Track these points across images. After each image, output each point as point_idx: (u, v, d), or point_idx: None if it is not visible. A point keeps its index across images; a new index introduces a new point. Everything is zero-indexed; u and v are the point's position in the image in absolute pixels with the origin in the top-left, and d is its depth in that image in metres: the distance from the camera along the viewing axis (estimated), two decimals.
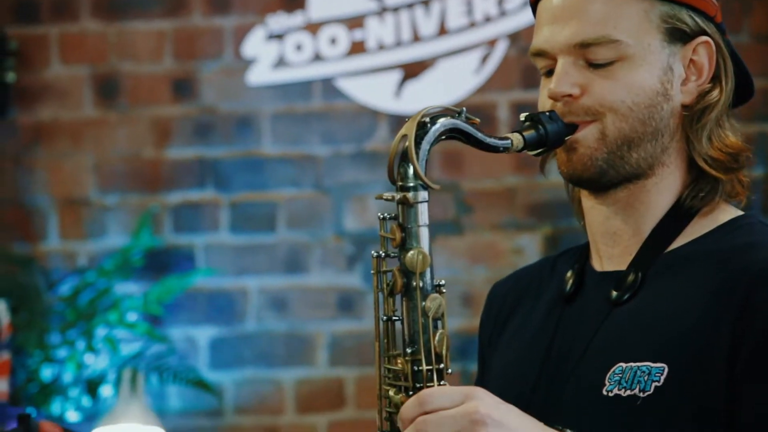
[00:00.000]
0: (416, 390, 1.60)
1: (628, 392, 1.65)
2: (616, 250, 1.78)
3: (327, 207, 4.39)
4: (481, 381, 1.90)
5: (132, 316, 4.29)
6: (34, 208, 4.45)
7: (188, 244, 4.43)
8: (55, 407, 4.23)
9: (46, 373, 4.24)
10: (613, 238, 1.78)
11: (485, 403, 1.56)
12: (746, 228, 1.75)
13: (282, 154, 4.41)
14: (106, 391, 4.27)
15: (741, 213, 1.79)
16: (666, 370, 1.64)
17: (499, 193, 4.34)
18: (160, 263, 4.40)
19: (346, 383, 4.34)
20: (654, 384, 1.64)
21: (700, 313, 1.66)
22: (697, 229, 1.76)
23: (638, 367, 1.66)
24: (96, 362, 4.28)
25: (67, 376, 4.24)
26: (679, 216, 1.75)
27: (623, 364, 1.67)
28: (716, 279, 1.68)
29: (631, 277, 1.73)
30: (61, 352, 4.25)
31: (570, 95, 1.72)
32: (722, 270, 1.69)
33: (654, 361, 1.65)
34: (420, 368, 1.61)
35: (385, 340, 1.66)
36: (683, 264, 1.73)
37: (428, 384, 1.61)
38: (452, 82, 4.34)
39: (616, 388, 1.66)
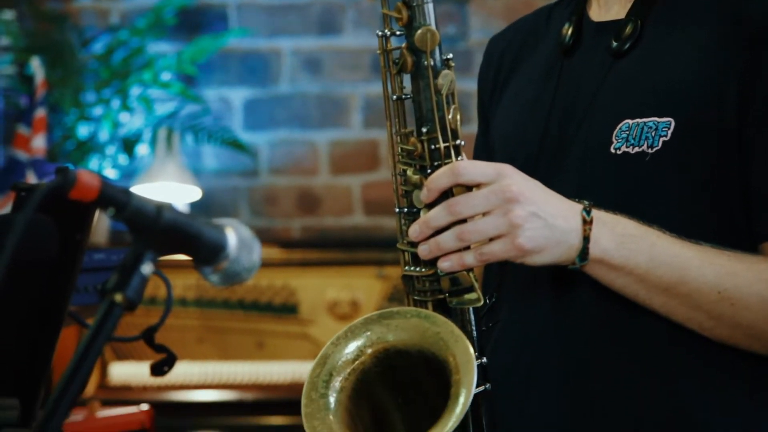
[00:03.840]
0: (434, 168, 1.60)
1: (636, 149, 1.64)
2: None
3: None
4: (484, 138, 1.90)
5: (166, 76, 4.28)
6: None
7: (221, 3, 4.37)
8: (93, 165, 4.27)
9: (83, 131, 4.27)
10: None
11: (516, 180, 1.56)
12: None
13: None
14: (142, 149, 4.30)
15: None
16: (673, 124, 1.63)
17: None
18: (192, 22, 4.36)
19: (380, 145, 4.35)
20: (662, 139, 1.63)
21: (705, 61, 1.64)
22: None
23: (645, 122, 1.64)
24: (131, 121, 4.30)
25: (103, 135, 4.27)
26: None
27: (629, 121, 1.65)
28: (721, 23, 1.64)
29: (630, 27, 1.70)
30: (97, 111, 4.27)
31: None
32: (727, 13, 1.65)
33: (660, 116, 1.64)
34: (437, 146, 1.60)
35: (396, 120, 1.64)
36: (685, 9, 1.69)
37: (446, 161, 1.60)
38: None
39: (624, 146, 1.65)
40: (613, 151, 1.66)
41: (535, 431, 1.67)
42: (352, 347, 1.60)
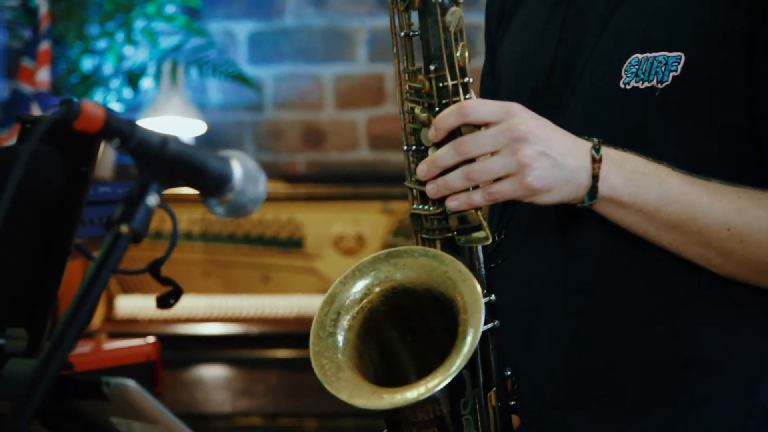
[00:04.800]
0: (442, 106, 1.59)
1: (646, 84, 1.63)
2: None
3: None
4: (491, 67, 1.88)
5: (170, 9, 4.25)
6: None
7: None
8: (97, 98, 4.26)
9: (87, 64, 4.25)
10: None
11: (525, 119, 1.55)
12: None
13: None
14: (146, 83, 4.29)
15: None
16: (683, 58, 1.61)
17: None
18: None
19: (386, 79, 4.34)
20: (671, 74, 1.62)
21: None
22: None
23: (654, 57, 1.63)
24: (136, 54, 4.27)
25: (108, 68, 4.25)
26: None
27: (639, 55, 1.64)
28: None
29: None
30: (101, 44, 4.25)
31: None
32: None
33: (670, 51, 1.62)
34: (445, 84, 1.59)
35: (404, 57, 1.63)
36: None
37: (454, 99, 1.59)
38: None
39: (633, 81, 1.64)
40: (622, 86, 1.64)
41: (542, 367, 1.68)
42: (359, 286, 1.60)
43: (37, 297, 1.49)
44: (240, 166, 1.19)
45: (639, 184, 1.58)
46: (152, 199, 1.11)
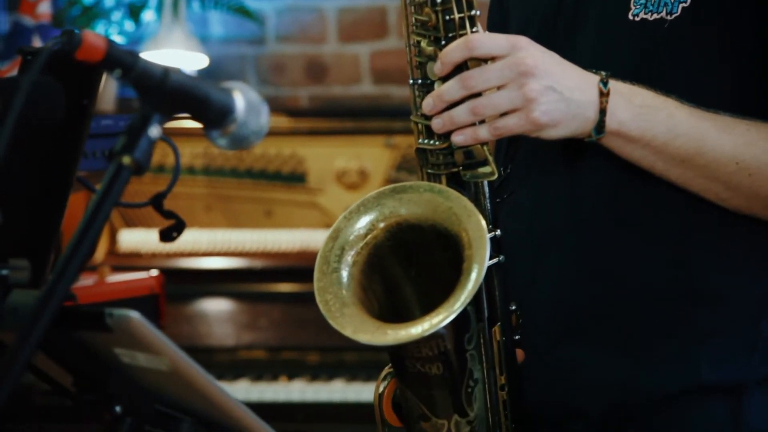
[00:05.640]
0: (449, 39, 1.57)
1: (655, 15, 1.62)
2: None
3: None
4: (498, 1, 1.86)
5: None
6: None
7: None
8: (98, 30, 4.23)
9: None
10: None
11: (532, 53, 1.53)
12: None
13: None
14: (148, 15, 4.25)
15: None
16: None
17: None
18: None
19: (389, 12, 4.30)
20: (681, 5, 1.61)
21: None
22: None
23: None
24: None
25: (109, 0, 4.22)
26: None
27: None
28: None
29: None
30: None
31: None
32: None
33: None
34: (451, 17, 1.58)
35: None
36: None
37: (460, 32, 1.57)
38: None
39: (642, 12, 1.62)
40: (631, 17, 1.63)
41: (547, 301, 1.68)
42: (364, 221, 1.60)
43: (40, 228, 1.49)
44: (242, 98, 1.18)
45: (647, 118, 1.57)
46: (154, 131, 1.10)
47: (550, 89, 1.53)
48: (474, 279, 1.49)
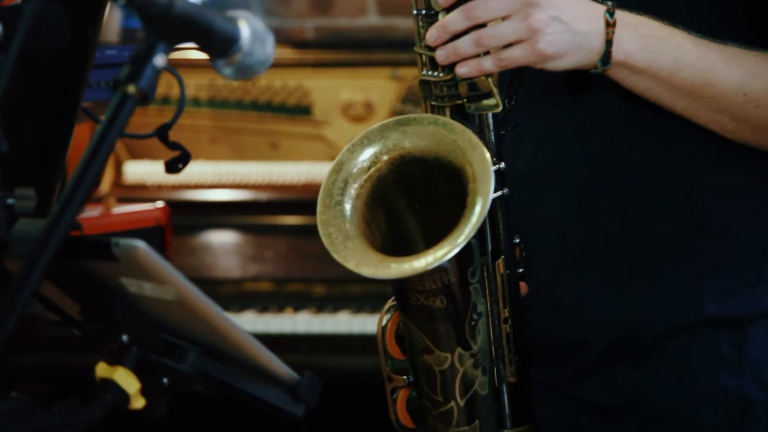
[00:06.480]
0: None
1: None
2: None
3: None
4: None
5: None
6: None
7: None
8: None
9: None
10: None
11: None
12: None
13: None
14: None
15: None
16: None
17: None
18: None
19: None
20: None
21: None
22: None
23: None
24: None
25: None
26: None
27: None
28: None
29: None
30: None
31: None
32: None
33: None
34: None
35: None
36: None
37: None
38: None
39: None
40: None
41: (551, 234, 1.68)
42: (367, 154, 1.59)
43: (46, 158, 1.49)
44: (247, 27, 1.17)
45: (653, 49, 1.56)
46: (159, 60, 1.10)
47: (555, 19, 1.52)
48: (478, 212, 1.49)
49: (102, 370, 1.16)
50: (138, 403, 1.16)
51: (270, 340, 1.25)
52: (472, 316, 1.58)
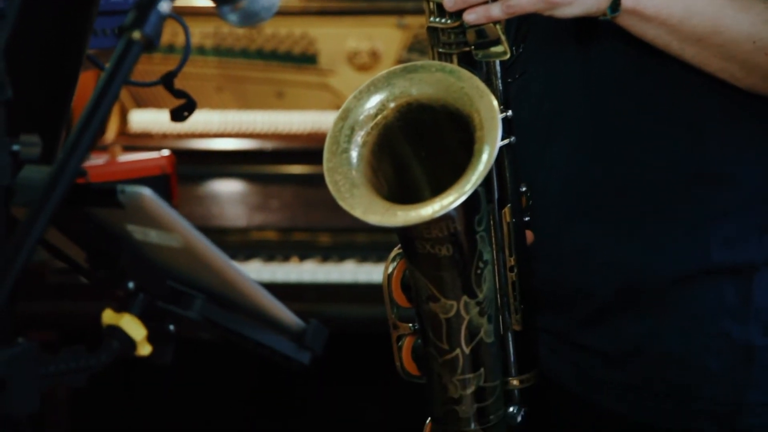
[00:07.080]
0: None
1: None
2: None
3: None
4: None
5: None
6: None
7: None
8: None
9: None
10: None
11: None
12: None
13: None
14: None
15: None
16: None
17: None
18: None
19: None
20: None
21: None
22: None
23: None
24: None
25: None
26: None
27: None
28: None
29: None
30: None
31: None
32: None
33: None
34: None
35: None
36: None
37: None
38: None
39: None
40: None
41: (557, 181, 1.68)
42: (374, 101, 1.58)
43: (51, 104, 1.48)
44: None
45: None
46: (164, 5, 1.09)
47: None
48: (485, 160, 1.49)
49: (108, 317, 1.16)
50: (144, 350, 1.16)
51: (276, 289, 1.25)
52: (478, 264, 1.58)
